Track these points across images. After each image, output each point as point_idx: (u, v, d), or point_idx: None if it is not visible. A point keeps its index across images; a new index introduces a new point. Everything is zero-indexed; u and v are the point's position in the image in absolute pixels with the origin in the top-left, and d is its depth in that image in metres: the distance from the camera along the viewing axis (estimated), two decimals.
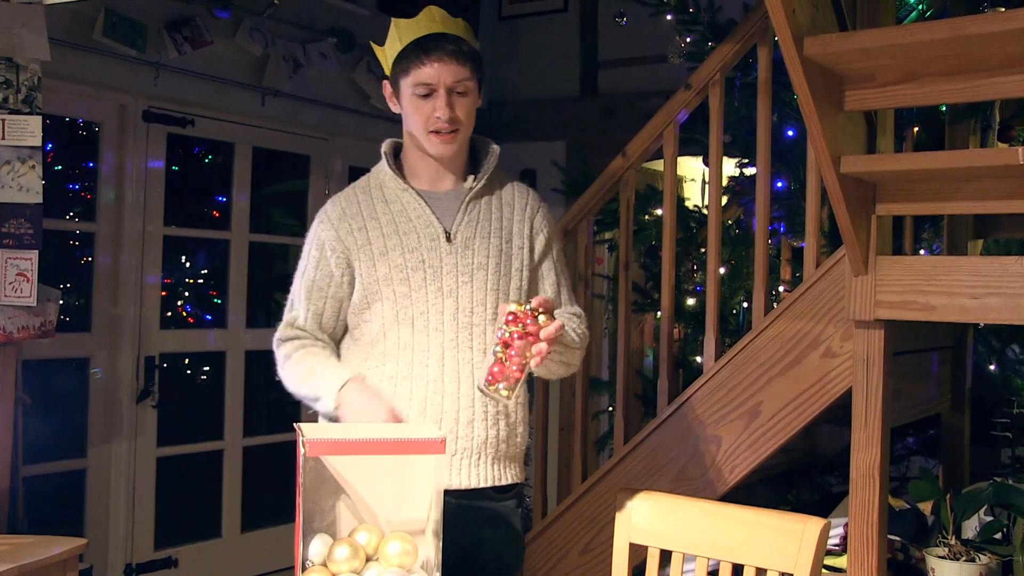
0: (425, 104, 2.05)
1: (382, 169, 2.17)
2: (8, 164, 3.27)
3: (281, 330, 2.17)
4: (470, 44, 2.06)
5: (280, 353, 2.15)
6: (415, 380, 2.06)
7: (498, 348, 1.85)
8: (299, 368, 2.08)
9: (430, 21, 2.06)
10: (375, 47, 2.16)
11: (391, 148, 2.19)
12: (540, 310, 1.84)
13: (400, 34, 2.07)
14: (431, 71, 2.02)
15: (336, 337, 2.19)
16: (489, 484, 2.11)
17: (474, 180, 2.15)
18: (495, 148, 2.20)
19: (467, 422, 2.07)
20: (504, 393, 1.86)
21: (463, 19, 2.10)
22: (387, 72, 2.13)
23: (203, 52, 4.33)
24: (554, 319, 1.86)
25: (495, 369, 1.85)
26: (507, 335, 1.84)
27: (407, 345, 2.07)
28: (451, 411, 2.06)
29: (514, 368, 1.84)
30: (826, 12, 2.35)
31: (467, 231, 2.11)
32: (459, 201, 2.13)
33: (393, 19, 2.10)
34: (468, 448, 2.07)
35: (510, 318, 1.84)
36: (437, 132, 2.06)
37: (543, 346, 1.83)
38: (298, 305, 2.16)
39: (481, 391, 1.87)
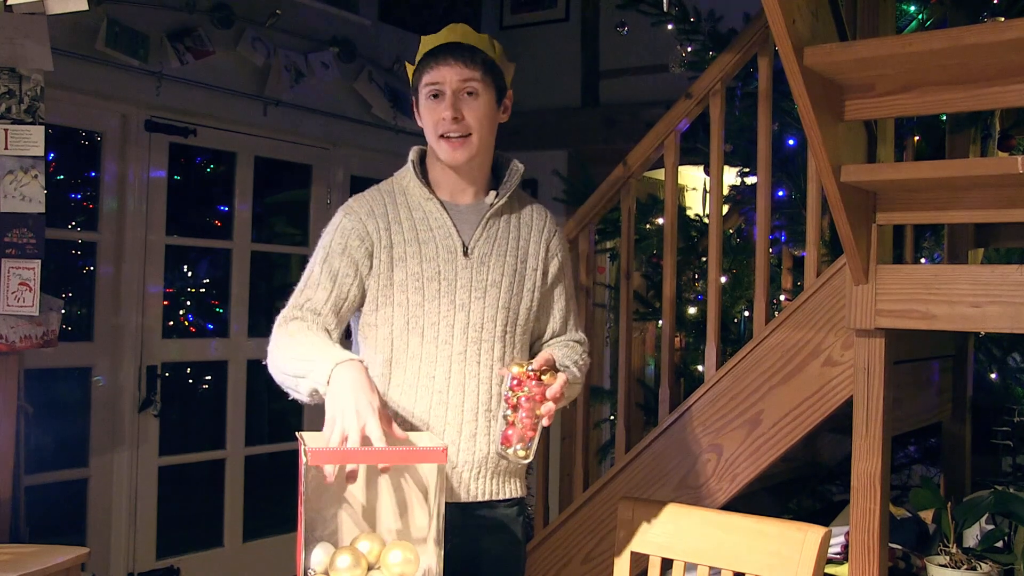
0: (435, 107, 2.07)
1: (406, 175, 2.16)
2: (11, 174, 3.28)
3: (289, 310, 2.04)
4: (487, 54, 2.08)
5: (280, 330, 1.99)
6: (420, 390, 2.06)
7: (508, 412, 1.87)
8: (296, 342, 1.94)
9: (450, 33, 2.09)
10: (408, 65, 2.20)
11: (418, 155, 2.18)
12: (543, 369, 1.87)
13: (422, 48, 2.12)
14: (438, 73, 2.05)
15: (341, 333, 2.12)
16: (488, 498, 2.11)
17: (496, 196, 2.15)
18: (519, 167, 2.20)
19: (470, 436, 2.07)
20: (521, 454, 1.88)
21: (491, 37, 2.14)
22: (412, 86, 2.16)
23: (205, 62, 4.35)
24: (557, 373, 1.90)
25: (508, 432, 1.88)
26: (515, 399, 1.86)
27: (415, 354, 2.07)
28: (455, 424, 2.06)
29: (526, 428, 1.87)
30: (826, 22, 2.36)
31: (484, 247, 2.11)
32: (479, 216, 2.13)
33: (422, 38, 2.14)
34: (470, 462, 2.07)
35: (515, 382, 1.86)
36: (447, 137, 2.06)
37: (551, 406, 1.86)
38: (318, 288, 2.06)
39: (499, 455, 1.92)
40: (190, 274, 5.00)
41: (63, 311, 3.52)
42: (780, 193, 3.62)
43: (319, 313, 2.05)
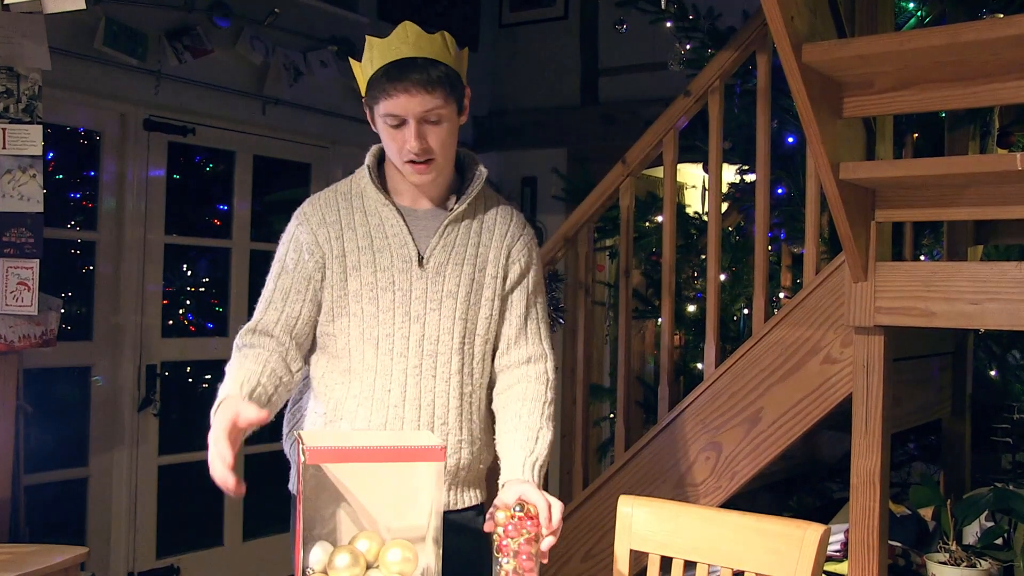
0: (397, 134, 1.97)
1: (364, 179, 2.09)
2: (9, 173, 3.28)
3: (243, 334, 2.04)
4: (445, 65, 1.95)
5: (232, 357, 2.02)
6: (376, 403, 2.02)
7: (505, 560, 1.74)
8: (226, 377, 1.96)
9: (401, 43, 1.94)
10: (353, 63, 2.07)
11: (375, 160, 2.11)
12: (531, 505, 1.76)
13: (372, 56, 1.98)
14: (398, 103, 1.92)
15: (305, 347, 2.09)
16: (447, 509, 2.03)
17: (456, 203, 2.07)
18: (482, 171, 2.11)
19: None
20: None
21: (443, 33, 1.99)
22: (362, 93, 2.04)
23: (204, 61, 4.34)
24: (543, 498, 1.78)
25: None
26: (515, 545, 1.74)
27: (371, 366, 2.02)
28: None
29: (527, 572, 1.74)
30: (825, 19, 2.36)
31: (440, 256, 2.04)
32: (438, 223, 2.06)
33: (368, 38, 2.00)
34: None
35: (510, 528, 1.75)
36: (412, 162, 1.98)
37: (552, 539, 1.75)
38: (271, 308, 2.05)
39: None
40: (189, 273, 4.99)
41: (62, 310, 3.52)
42: (779, 190, 3.62)
43: (271, 335, 2.03)
